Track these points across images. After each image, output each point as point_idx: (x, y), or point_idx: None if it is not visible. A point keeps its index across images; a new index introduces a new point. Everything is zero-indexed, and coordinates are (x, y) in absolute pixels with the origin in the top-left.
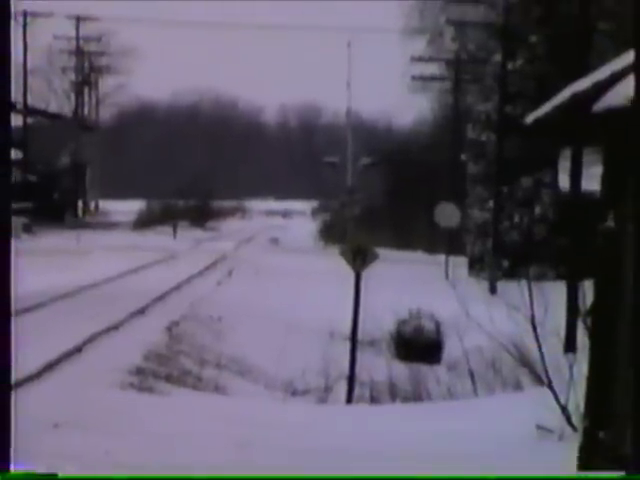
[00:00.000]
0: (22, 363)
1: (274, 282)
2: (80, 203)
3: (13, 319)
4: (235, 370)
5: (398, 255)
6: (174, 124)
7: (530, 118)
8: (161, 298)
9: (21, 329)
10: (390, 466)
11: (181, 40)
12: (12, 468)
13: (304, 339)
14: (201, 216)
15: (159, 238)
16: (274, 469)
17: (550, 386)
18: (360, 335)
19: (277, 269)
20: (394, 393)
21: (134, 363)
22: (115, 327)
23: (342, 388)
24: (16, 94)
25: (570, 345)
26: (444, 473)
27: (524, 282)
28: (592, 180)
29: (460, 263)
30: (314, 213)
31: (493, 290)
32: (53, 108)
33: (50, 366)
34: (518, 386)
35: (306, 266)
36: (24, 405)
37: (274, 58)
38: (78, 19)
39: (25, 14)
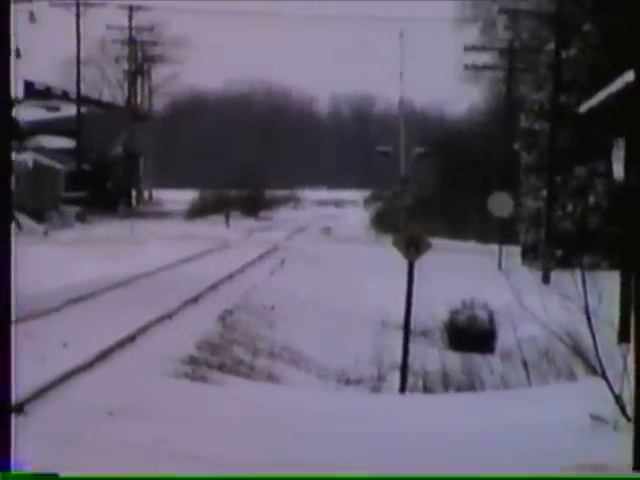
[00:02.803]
0: (76, 352)
1: (326, 271)
2: (133, 192)
3: (67, 307)
4: (288, 359)
5: (451, 244)
6: (226, 113)
7: (584, 107)
8: (214, 287)
9: (74, 318)
10: (443, 455)
11: (233, 29)
12: (12, 468)
13: (357, 328)
14: (254, 205)
15: (212, 227)
16: (327, 460)
17: (604, 376)
18: (413, 324)
19: (329, 258)
20: (447, 383)
21: (187, 352)
22: (168, 316)
23: (395, 378)
24: (70, 84)
25: (624, 335)
26: (496, 463)
27: (578, 272)
28: None
29: (513, 253)
30: (366, 203)
31: (546, 280)
32: (106, 97)
33: (104, 355)
34: (572, 376)
35: (359, 256)
36: (79, 393)
37: (326, 47)
38: (131, 9)
39: (78, 4)
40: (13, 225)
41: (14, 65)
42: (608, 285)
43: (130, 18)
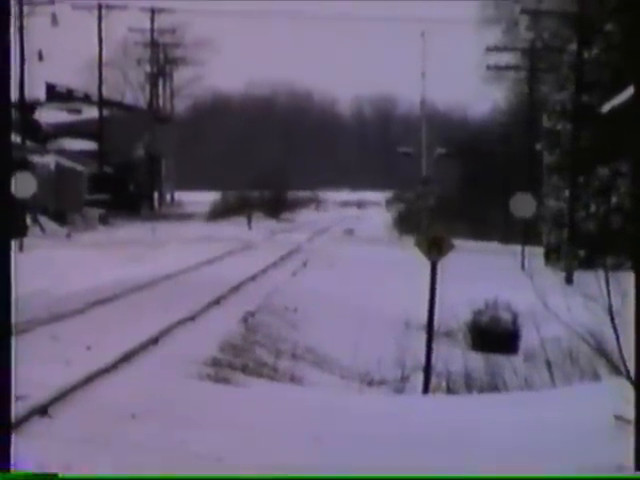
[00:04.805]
0: (99, 354)
1: (349, 273)
2: (155, 194)
3: (90, 310)
4: (311, 361)
5: (474, 245)
6: (249, 115)
7: (606, 107)
8: (237, 289)
9: (98, 321)
10: (466, 455)
11: (255, 31)
12: (12, 468)
13: (380, 329)
14: (276, 207)
15: (234, 229)
16: (350, 461)
17: (628, 376)
18: (436, 325)
19: (352, 260)
20: (470, 384)
21: (210, 354)
22: (191, 318)
23: (418, 378)
24: (92, 86)
25: None
26: (517, 462)
27: (601, 272)
28: None
29: (536, 253)
30: (389, 204)
31: (569, 280)
32: (128, 100)
33: (127, 357)
34: (596, 376)
35: (381, 257)
36: (102, 396)
37: (349, 49)
38: (153, 11)
39: (100, 7)
40: (37, 228)
41: (36, 68)
42: (632, 285)
43: (152, 20)
